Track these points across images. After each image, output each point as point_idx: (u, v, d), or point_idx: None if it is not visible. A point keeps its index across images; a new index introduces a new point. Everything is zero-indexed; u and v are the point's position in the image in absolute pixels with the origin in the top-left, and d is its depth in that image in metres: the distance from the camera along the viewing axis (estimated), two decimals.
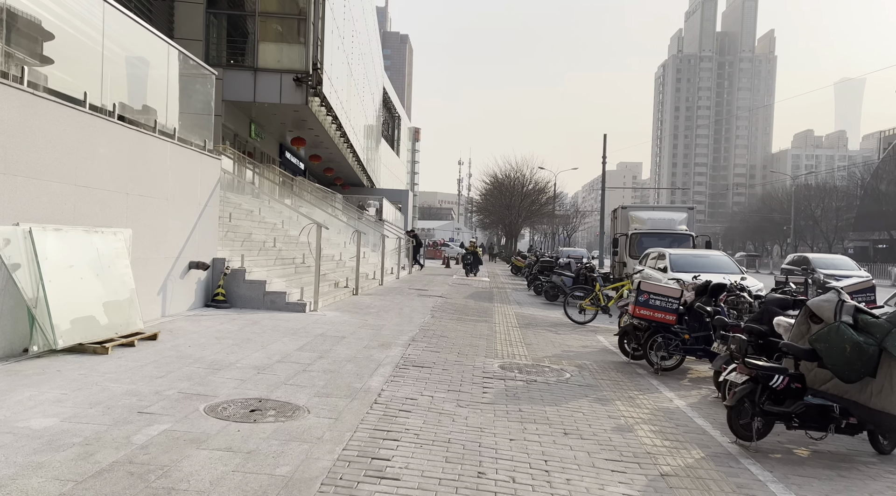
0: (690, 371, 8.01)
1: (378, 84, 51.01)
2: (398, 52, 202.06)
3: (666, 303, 7.54)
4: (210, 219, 9.87)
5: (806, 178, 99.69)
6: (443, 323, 10.59)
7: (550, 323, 12.08)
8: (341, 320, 9.71)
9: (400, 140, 74.17)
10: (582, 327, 11.79)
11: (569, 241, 75.18)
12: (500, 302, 15.79)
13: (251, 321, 8.83)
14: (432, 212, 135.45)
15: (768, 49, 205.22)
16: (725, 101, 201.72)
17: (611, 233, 23.75)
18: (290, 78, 21.78)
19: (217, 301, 9.73)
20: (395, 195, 51.92)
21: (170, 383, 5.23)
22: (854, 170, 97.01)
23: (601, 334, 10.99)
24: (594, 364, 7.94)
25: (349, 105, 30.50)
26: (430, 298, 14.86)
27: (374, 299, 13.53)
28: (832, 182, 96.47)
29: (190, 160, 9.13)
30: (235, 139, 24.53)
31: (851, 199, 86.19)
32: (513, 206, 55.82)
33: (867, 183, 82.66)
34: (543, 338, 9.91)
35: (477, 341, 8.93)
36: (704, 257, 15.68)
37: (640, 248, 19.43)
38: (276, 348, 7.09)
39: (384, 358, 7.09)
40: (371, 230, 24.12)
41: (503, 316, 12.58)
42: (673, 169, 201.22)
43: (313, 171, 40.62)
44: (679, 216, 20.14)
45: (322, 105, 24.76)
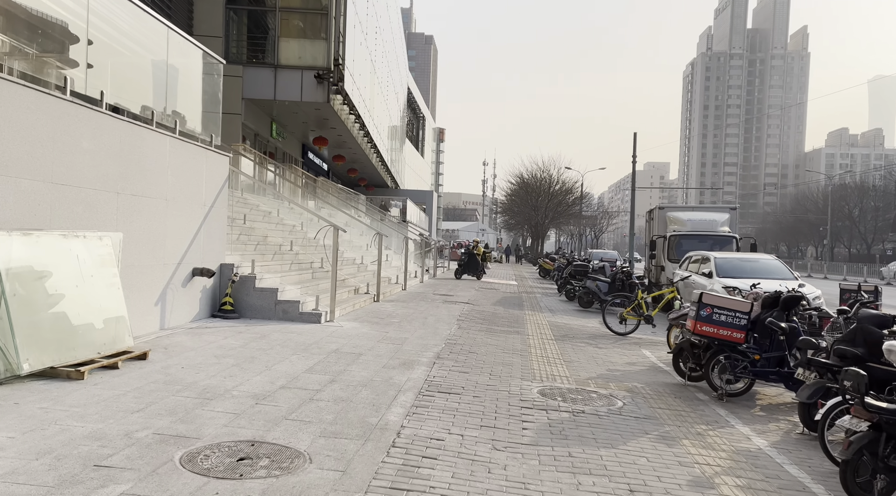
0: (759, 395, 6.93)
1: (402, 83, 50.27)
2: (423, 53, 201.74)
3: (732, 319, 6.48)
4: (217, 221, 9.04)
5: (842, 178, 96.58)
6: (471, 334, 9.63)
7: (588, 334, 11.04)
8: (359, 333, 8.80)
9: (424, 140, 73.43)
10: (623, 339, 10.73)
11: (597, 243, 73.60)
12: (530, 309, 14.77)
13: (259, 335, 7.95)
14: (457, 213, 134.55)
15: (801, 46, 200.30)
16: (756, 99, 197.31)
17: (645, 234, 22.53)
18: (311, 75, 21.05)
19: (224, 311, 8.89)
20: (419, 196, 51.15)
21: (146, 420, 4.34)
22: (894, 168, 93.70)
23: (646, 348, 9.92)
24: (646, 387, 6.90)
25: (372, 103, 29.71)
26: (457, 305, 13.91)
27: (397, 307, 12.62)
28: (870, 181, 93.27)
29: (193, 156, 8.31)
30: (256, 139, 23.87)
31: (891, 199, 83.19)
32: (539, 207, 54.60)
33: None
34: (584, 353, 8.88)
35: (510, 358, 7.94)
36: (753, 261, 14.47)
37: (679, 250, 18.23)
38: (282, 369, 6.19)
39: (405, 381, 6.14)
40: (394, 232, 23.28)
41: (536, 326, 11.57)
42: (702, 169, 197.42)
43: (337, 172, 39.99)
44: (721, 217, 18.89)
45: (344, 103, 23.98)
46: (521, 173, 58.58)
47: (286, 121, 25.14)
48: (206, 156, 8.66)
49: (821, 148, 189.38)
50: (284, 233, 14.51)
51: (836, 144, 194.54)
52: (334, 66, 21.01)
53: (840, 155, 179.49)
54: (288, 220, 16.68)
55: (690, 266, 15.65)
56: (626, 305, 11.50)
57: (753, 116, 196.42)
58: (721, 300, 6.56)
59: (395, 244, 24.30)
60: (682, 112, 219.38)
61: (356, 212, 23.94)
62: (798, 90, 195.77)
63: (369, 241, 14.14)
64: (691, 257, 15.89)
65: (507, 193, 62.67)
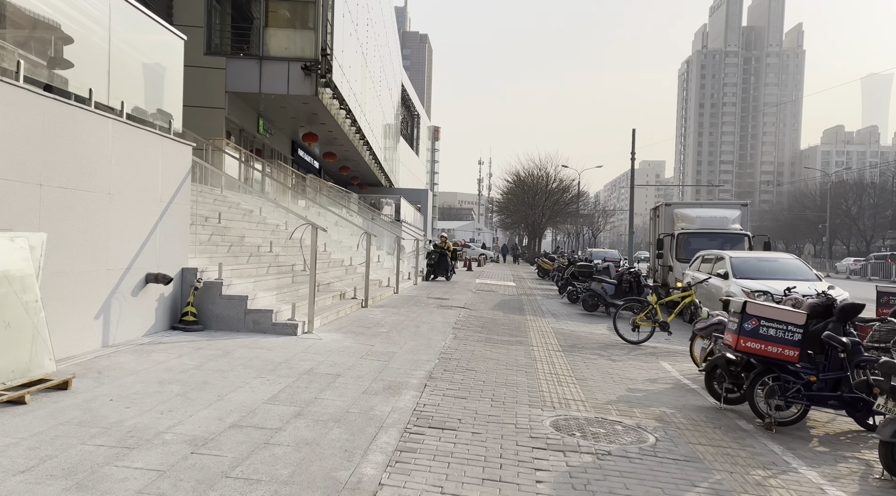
0: (811, 423, 5.84)
1: (396, 80, 49.11)
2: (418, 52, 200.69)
3: (784, 333, 5.38)
4: (177, 219, 7.90)
5: (841, 175, 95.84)
6: (468, 346, 8.51)
7: (598, 343, 9.93)
8: (340, 346, 7.67)
9: (419, 139, 72.27)
10: (637, 349, 9.63)
11: (594, 242, 72.59)
12: (532, 313, 13.66)
13: (220, 351, 6.81)
14: (452, 212, 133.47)
15: (796, 43, 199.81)
16: (752, 97, 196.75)
17: (650, 233, 21.46)
18: (297, 67, 19.93)
19: (186, 322, 7.75)
20: (413, 195, 50.00)
21: (28, 487, 3.21)
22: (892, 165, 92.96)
23: (665, 359, 8.83)
24: (678, 413, 5.80)
25: (363, 98, 28.56)
26: (452, 310, 12.79)
27: (387, 313, 11.48)
28: (869, 178, 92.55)
29: (146, 144, 7.16)
30: (242, 134, 22.72)
31: (890, 196, 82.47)
32: (536, 205, 53.53)
33: None
34: (597, 368, 7.78)
35: (514, 377, 6.82)
36: (772, 261, 13.40)
37: (688, 249, 17.17)
38: (238, 399, 5.07)
39: (389, 413, 5.02)
40: (386, 232, 22.14)
41: (540, 333, 10.46)
42: (698, 167, 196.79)
43: (328, 170, 38.83)
44: (732, 214, 17.82)
45: (334, 97, 22.85)
46: (517, 171, 57.51)
47: (274, 116, 23.99)
48: (163, 144, 7.52)
49: (816, 145, 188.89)
50: (266, 233, 13.38)
51: (831, 142, 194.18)
52: (322, 57, 19.87)
53: (836, 152, 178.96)
54: (272, 219, 15.54)
55: (702, 266, 14.59)
56: (639, 310, 10.39)
57: (749, 114, 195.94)
58: (770, 311, 5.45)
59: (388, 244, 23.18)
60: (678, 110, 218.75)
61: (347, 211, 22.80)
62: (793, 88, 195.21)
63: (359, 242, 13.04)
64: (703, 257, 14.83)
65: (504, 192, 61.58)
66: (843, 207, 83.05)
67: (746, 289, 11.76)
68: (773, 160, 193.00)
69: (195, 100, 19.80)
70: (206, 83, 19.80)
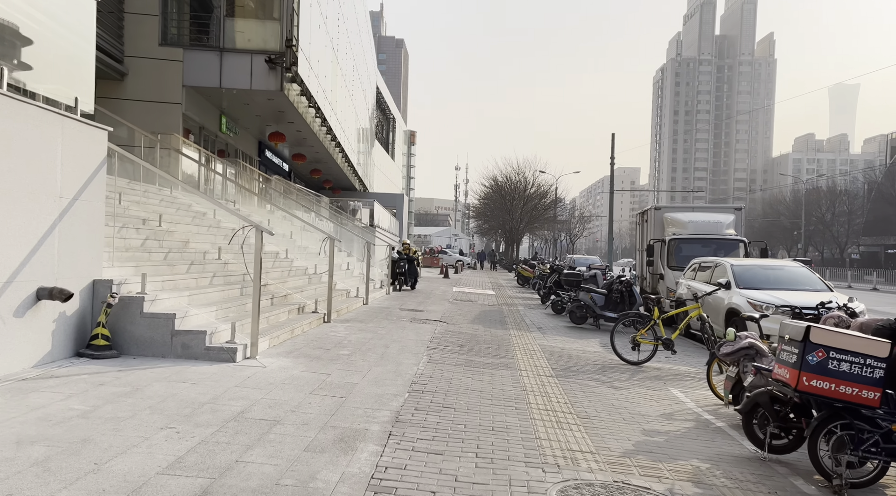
0: (888, 480, 4.56)
1: (371, 82, 47.69)
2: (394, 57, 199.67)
3: (862, 369, 4.09)
4: (87, 220, 6.41)
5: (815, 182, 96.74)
6: (446, 372, 7.12)
7: (593, 364, 8.61)
8: (287, 377, 6.22)
9: (395, 143, 70.89)
10: (639, 371, 8.34)
11: (572, 248, 71.73)
12: (515, 327, 12.33)
13: (128, 388, 5.33)
14: (429, 218, 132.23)
15: (768, 52, 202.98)
16: (725, 104, 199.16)
17: (637, 238, 20.34)
18: (261, 59, 18.42)
19: (96, 347, 6.25)
20: (389, 199, 48.57)
21: None
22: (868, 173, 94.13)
23: (673, 385, 7.55)
24: (714, 468, 4.48)
25: (334, 96, 27.09)
26: (427, 324, 11.40)
27: (352, 330, 10.04)
28: (842, 185, 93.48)
29: (35, 125, 5.67)
30: (202, 133, 21.08)
31: (863, 203, 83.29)
32: (514, 211, 52.40)
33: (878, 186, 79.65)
34: (599, 399, 6.44)
35: (503, 416, 5.45)
36: (777, 269, 12.25)
37: (679, 256, 16.03)
38: (122, 469, 3.61)
39: (335, 486, 3.61)
40: (357, 237, 20.67)
41: (527, 353, 9.11)
42: (672, 174, 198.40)
43: (299, 173, 37.22)
44: (726, 218, 16.73)
45: (302, 94, 21.35)
46: (494, 175, 56.35)
47: (238, 114, 22.40)
48: (64, 127, 6.02)
49: (788, 153, 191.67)
50: (217, 237, 11.87)
51: (802, 149, 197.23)
52: (286, 48, 18.40)
53: (807, 160, 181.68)
54: (227, 222, 14.00)
55: (699, 275, 13.41)
56: (642, 326, 9.11)
57: (722, 121, 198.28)
58: (844, 339, 4.15)
59: (359, 251, 21.72)
60: (653, 117, 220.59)
61: (316, 215, 21.29)
62: (765, 96, 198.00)
63: (321, 248, 11.56)
64: (699, 264, 13.66)
65: (481, 197, 60.38)
66: (818, 214, 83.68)
67: (754, 301, 10.59)
68: (746, 167, 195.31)
69: (149, 94, 18.21)
70: (161, 76, 18.21)
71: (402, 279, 20.23)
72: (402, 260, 20.35)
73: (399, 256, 20.50)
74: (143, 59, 17.91)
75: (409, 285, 20.57)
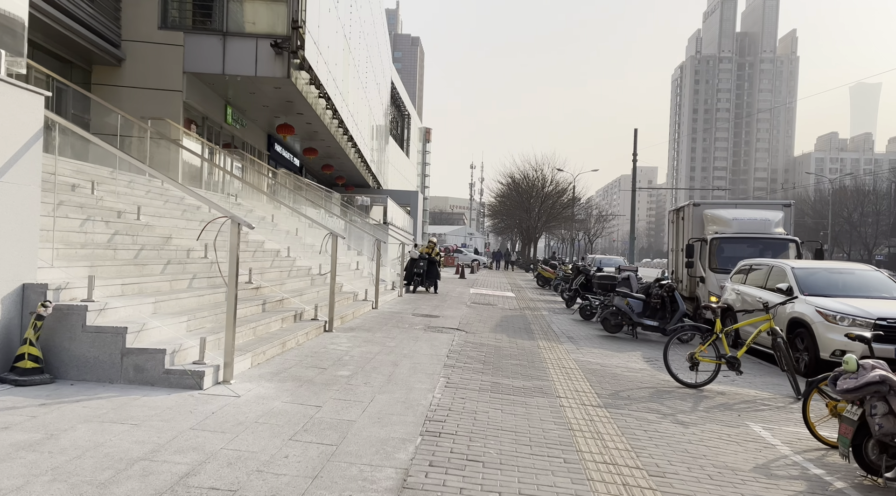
0: None
1: (385, 76, 46.38)
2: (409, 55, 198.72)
3: None
4: (14, 208, 5.04)
5: (841, 181, 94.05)
6: (468, 404, 5.68)
7: (643, 386, 7.13)
8: (264, 412, 4.81)
9: (410, 140, 69.61)
10: (703, 397, 6.85)
11: (591, 248, 69.96)
12: (543, 336, 10.86)
13: (41, 435, 3.93)
14: (444, 217, 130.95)
15: (790, 49, 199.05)
16: (745, 103, 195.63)
17: (671, 238, 18.74)
18: (267, 44, 17.11)
19: (20, 371, 4.88)
20: (403, 197, 47.20)
21: None
22: None
23: (751, 417, 6.06)
24: None
25: (346, 87, 25.74)
26: (443, 334, 9.97)
27: (356, 341, 8.63)
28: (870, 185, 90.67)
29: None
30: (205, 123, 19.82)
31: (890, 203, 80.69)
32: (531, 209, 50.80)
33: None
34: (668, 443, 4.97)
35: (550, 476, 3.99)
36: (846, 272, 10.65)
37: (721, 257, 14.46)
38: None
39: None
40: (367, 235, 19.25)
41: (562, 371, 7.65)
42: (691, 173, 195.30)
43: (310, 168, 35.97)
44: (775, 216, 15.10)
45: (311, 83, 20.00)
46: (512, 173, 54.76)
47: (244, 104, 21.10)
48: None
49: (810, 152, 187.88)
50: (208, 234, 10.49)
51: (825, 148, 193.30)
52: (293, 30, 17.05)
53: (830, 159, 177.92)
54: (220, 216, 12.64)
55: (751, 278, 11.86)
56: (701, 340, 7.61)
57: (743, 120, 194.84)
58: None
59: (371, 249, 20.35)
60: (671, 115, 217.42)
61: (326, 212, 19.94)
62: (787, 94, 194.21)
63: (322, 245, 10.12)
64: (750, 266, 12.10)
65: (497, 194, 58.82)
66: (844, 214, 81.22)
67: (825, 310, 9.02)
68: (766, 166, 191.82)
69: (148, 81, 16.93)
70: (160, 62, 16.96)
71: (418, 280, 18.77)
72: (421, 259, 18.88)
73: (420, 256, 19.01)
74: (142, 44, 16.66)
75: (431, 288, 19.10)
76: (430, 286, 18.98)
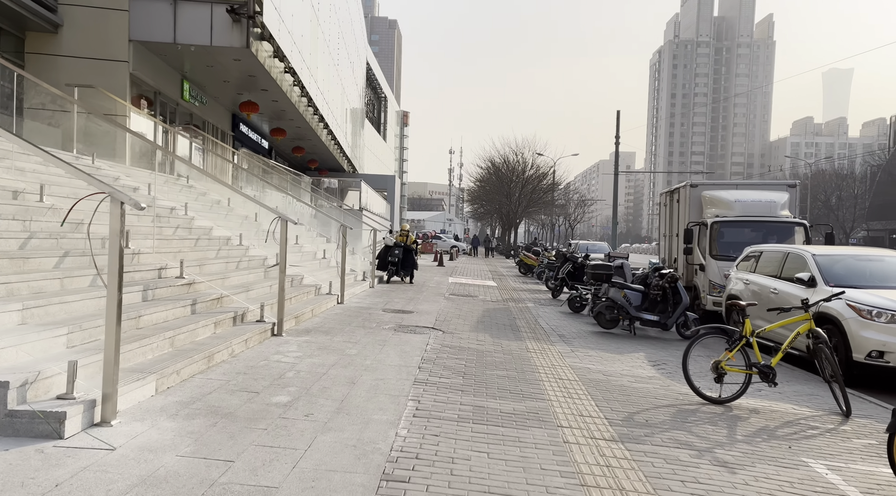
0: None
1: (360, 56, 44.44)
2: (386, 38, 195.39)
3: None
4: None
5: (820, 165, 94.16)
6: (443, 445, 4.23)
7: (660, 403, 5.74)
8: (141, 478, 3.29)
9: (387, 124, 67.74)
10: (736, 417, 5.49)
11: (572, 233, 68.86)
12: (531, 335, 9.45)
13: None
14: (423, 202, 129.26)
15: (767, 34, 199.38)
16: (723, 87, 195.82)
17: (663, 222, 17.44)
18: (222, 10, 15.39)
19: None
20: (379, 181, 45.51)
21: None
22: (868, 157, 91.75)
23: (805, 450, 4.70)
24: None
25: (314, 61, 23.96)
26: (416, 335, 8.51)
27: (308, 349, 7.12)
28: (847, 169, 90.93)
29: None
30: (158, 99, 17.97)
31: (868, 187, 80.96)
32: (512, 194, 49.41)
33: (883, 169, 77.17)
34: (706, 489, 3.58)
35: None
36: (875, 260, 9.36)
37: (722, 243, 13.19)
38: None
39: None
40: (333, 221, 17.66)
41: (559, 384, 6.25)
42: (669, 157, 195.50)
43: (281, 151, 34.10)
44: (780, 197, 13.84)
45: (275, 56, 18.26)
46: (492, 157, 53.24)
47: (202, 79, 19.28)
48: None
49: (786, 136, 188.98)
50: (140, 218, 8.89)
51: (801, 133, 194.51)
52: None
53: (805, 144, 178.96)
54: (164, 200, 11.07)
55: (761, 266, 10.57)
56: (727, 345, 6.24)
57: (720, 104, 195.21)
58: None
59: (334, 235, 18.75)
60: (650, 100, 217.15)
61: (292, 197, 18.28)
62: (763, 79, 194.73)
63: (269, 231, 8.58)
64: (761, 252, 10.81)
65: (477, 179, 57.31)
66: (822, 198, 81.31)
67: (859, 304, 7.73)
68: (743, 151, 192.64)
69: (89, 50, 15.11)
70: (103, 29, 15.15)
71: (392, 270, 17.24)
72: (396, 247, 17.34)
73: (395, 244, 17.46)
74: (82, 8, 14.83)
75: (406, 278, 17.59)
76: (405, 276, 17.48)
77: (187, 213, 11.08)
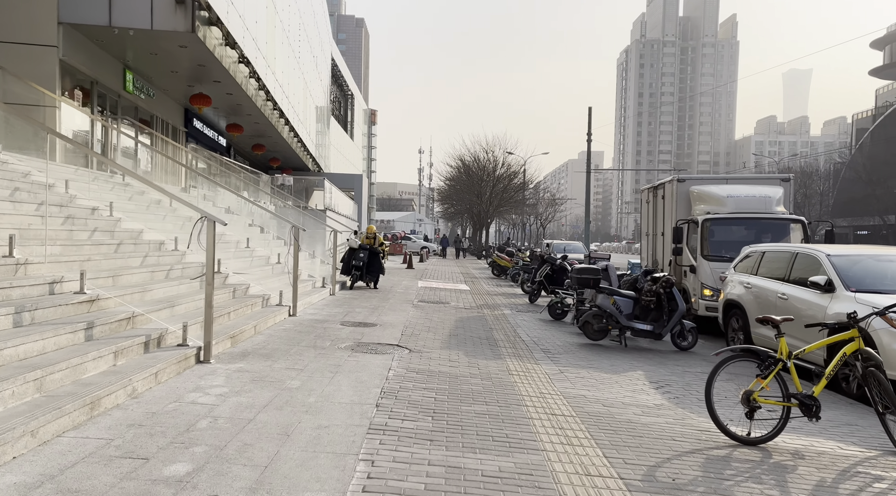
0: None
1: (324, 50, 42.75)
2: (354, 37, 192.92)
3: None
4: None
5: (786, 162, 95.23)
6: None
7: (680, 448, 4.49)
8: None
9: (354, 122, 66.02)
10: (780, 467, 4.26)
11: (544, 233, 67.97)
12: (512, 351, 8.17)
13: None
14: (392, 203, 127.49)
15: (731, 34, 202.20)
16: (689, 87, 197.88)
17: (648, 221, 16.34)
18: None
19: None
20: (346, 180, 43.88)
21: None
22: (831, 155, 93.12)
23: None
24: None
25: (272, 51, 22.37)
26: (377, 357, 7.16)
27: (235, 383, 5.71)
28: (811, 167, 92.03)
29: None
30: (95, 89, 16.24)
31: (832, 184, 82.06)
32: (483, 193, 48.22)
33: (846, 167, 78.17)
34: None
35: None
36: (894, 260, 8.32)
37: (714, 242, 12.12)
38: None
39: None
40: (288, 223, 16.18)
41: (552, 420, 4.97)
42: (637, 156, 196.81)
43: (240, 149, 32.35)
44: (775, 192, 12.82)
45: (227, 44, 16.70)
46: (462, 155, 51.99)
47: (148, 68, 17.59)
48: None
49: (750, 135, 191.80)
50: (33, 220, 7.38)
51: (764, 132, 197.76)
52: None
53: (769, 142, 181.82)
54: (85, 199, 9.53)
55: (763, 268, 9.46)
56: (759, 371, 5.02)
57: (686, 104, 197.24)
58: None
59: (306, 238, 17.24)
60: (618, 99, 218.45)
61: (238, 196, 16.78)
62: (728, 78, 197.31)
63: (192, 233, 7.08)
64: (762, 253, 9.71)
65: (447, 178, 56.00)
66: None
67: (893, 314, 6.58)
68: (709, 149, 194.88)
69: (12, 33, 13.41)
70: (27, 10, 13.45)
71: (357, 275, 15.81)
72: (361, 250, 15.88)
73: (360, 246, 16.00)
74: None
75: (371, 283, 16.17)
76: (370, 281, 16.07)
77: (112, 213, 9.56)
